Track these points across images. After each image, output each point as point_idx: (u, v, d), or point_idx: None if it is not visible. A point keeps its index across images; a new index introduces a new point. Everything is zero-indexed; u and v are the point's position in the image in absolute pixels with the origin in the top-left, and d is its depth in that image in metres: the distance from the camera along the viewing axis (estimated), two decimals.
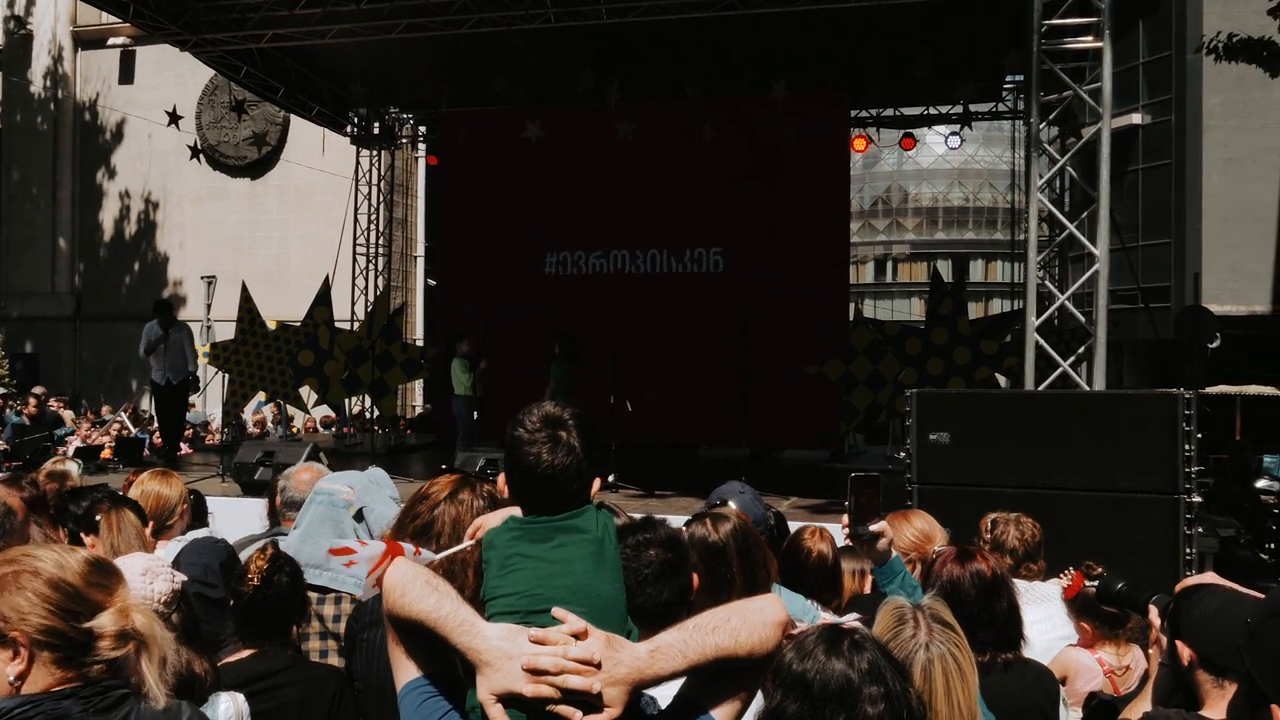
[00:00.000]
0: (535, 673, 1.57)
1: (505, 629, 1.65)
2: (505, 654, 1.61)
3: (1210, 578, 2.31)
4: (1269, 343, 20.27)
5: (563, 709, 1.57)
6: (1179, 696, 2.25)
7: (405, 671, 1.76)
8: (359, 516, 3.46)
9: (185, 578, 2.83)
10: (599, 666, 1.57)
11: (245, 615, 2.96)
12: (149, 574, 2.61)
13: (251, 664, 2.87)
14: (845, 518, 2.79)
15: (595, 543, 1.77)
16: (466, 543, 1.98)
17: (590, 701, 1.57)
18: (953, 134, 16.11)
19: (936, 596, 2.30)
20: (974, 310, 25.06)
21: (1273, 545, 12.14)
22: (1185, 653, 2.16)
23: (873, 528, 2.75)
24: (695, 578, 2.33)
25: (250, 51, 13.37)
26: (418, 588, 1.73)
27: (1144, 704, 2.36)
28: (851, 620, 1.79)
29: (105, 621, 1.81)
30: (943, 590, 2.84)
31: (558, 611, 1.64)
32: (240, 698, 2.64)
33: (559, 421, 1.83)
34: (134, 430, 16.90)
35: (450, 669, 1.74)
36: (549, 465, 1.79)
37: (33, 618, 1.76)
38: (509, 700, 1.60)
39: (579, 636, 1.61)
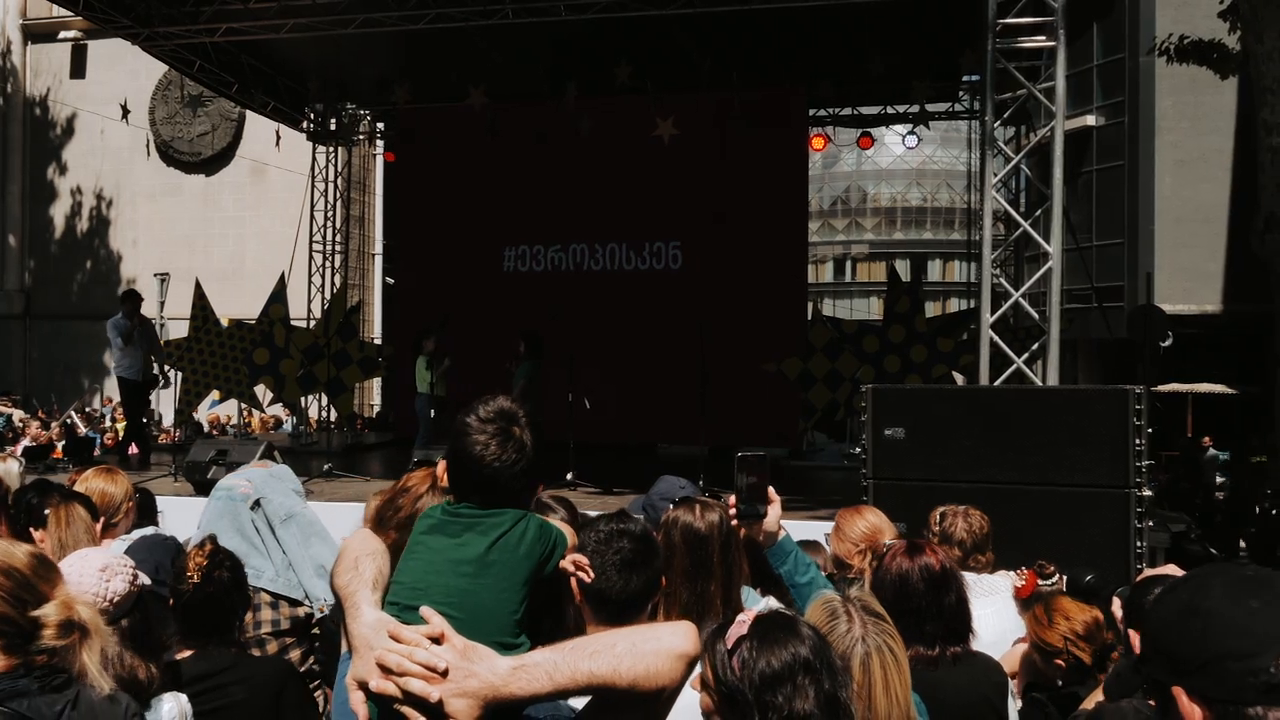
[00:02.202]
0: (384, 669, 1.54)
1: (379, 619, 1.63)
2: (368, 644, 1.59)
3: (1171, 569, 2.34)
4: (1220, 342, 20.64)
5: (406, 710, 1.52)
6: (1135, 687, 2.26)
7: (344, 644, 1.77)
8: (255, 505, 3.54)
9: (148, 580, 2.77)
10: (445, 674, 1.52)
11: (187, 614, 2.89)
12: (108, 571, 2.54)
13: (194, 664, 2.81)
14: (732, 498, 2.76)
15: (502, 549, 1.72)
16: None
17: (435, 708, 1.51)
18: (909, 133, 16.22)
19: (862, 588, 2.29)
20: (932, 309, 25.26)
21: (1222, 540, 12.38)
22: (1139, 642, 2.18)
23: (764, 508, 2.72)
24: (664, 580, 2.32)
25: (204, 46, 13.18)
26: (345, 563, 1.74)
27: (1101, 694, 2.37)
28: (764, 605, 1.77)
29: (50, 611, 1.85)
30: (892, 583, 2.84)
31: (425, 611, 1.60)
32: (183, 697, 2.59)
33: (512, 417, 1.79)
34: (85, 429, 16.63)
35: None
36: (495, 458, 1.75)
37: None
38: (369, 691, 1.56)
39: (437, 640, 1.55)
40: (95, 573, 2.50)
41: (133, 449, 11.91)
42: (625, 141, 14.73)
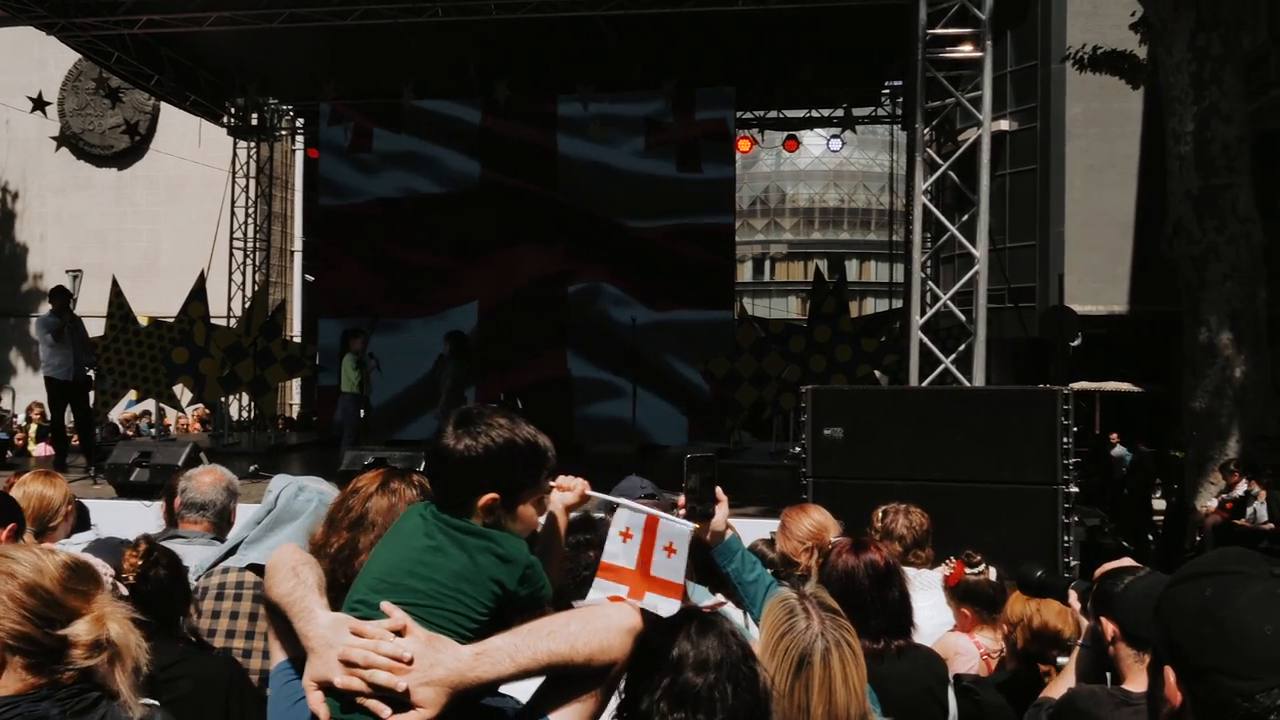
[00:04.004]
0: (348, 664, 1.54)
1: (336, 618, 1.63)
2: (327, 642, 1.59)
3: (1127, 562, 2.47)
4: (1126, 341, 21.36)
5: (371, 703, 1.53)
6: (1097, 675, 2.38)
7: (275, 654, 1.78)
8: None
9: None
10: (410, 663, 1.53)
11: None
12: None
13: None
14: (682, 498, 2.82)
15: (476, 569, 1.69)
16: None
17: (402, 699, 1.52)
18: (834, 136, 16.52)
19: (818, 584, 2.37)
20: (850, 309, 25.77)
21: (1133, 533, 12.86)
22: (1109, 629, 2.30)
23: (713, 507, 2.77)
24: None
25: (122, 37, 12.86)
26: (282, 573, 1.74)
27: (1067, 681, 2.48)
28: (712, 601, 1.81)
29: (80, 630, 1.76)
30: (838, 579, 2.94)
31: (385, 605, 1.61)
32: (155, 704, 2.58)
33: (470, 416, 1.79)
34: None
35: None
36: (445, 445, 1.74)
37: (5, 622, 1.71)
38: (330, 689, 1.56)
39: (400, 633, 1.57)
40: None
41: (48, 449, 11.55)
42: (553, 141, 14.77)
